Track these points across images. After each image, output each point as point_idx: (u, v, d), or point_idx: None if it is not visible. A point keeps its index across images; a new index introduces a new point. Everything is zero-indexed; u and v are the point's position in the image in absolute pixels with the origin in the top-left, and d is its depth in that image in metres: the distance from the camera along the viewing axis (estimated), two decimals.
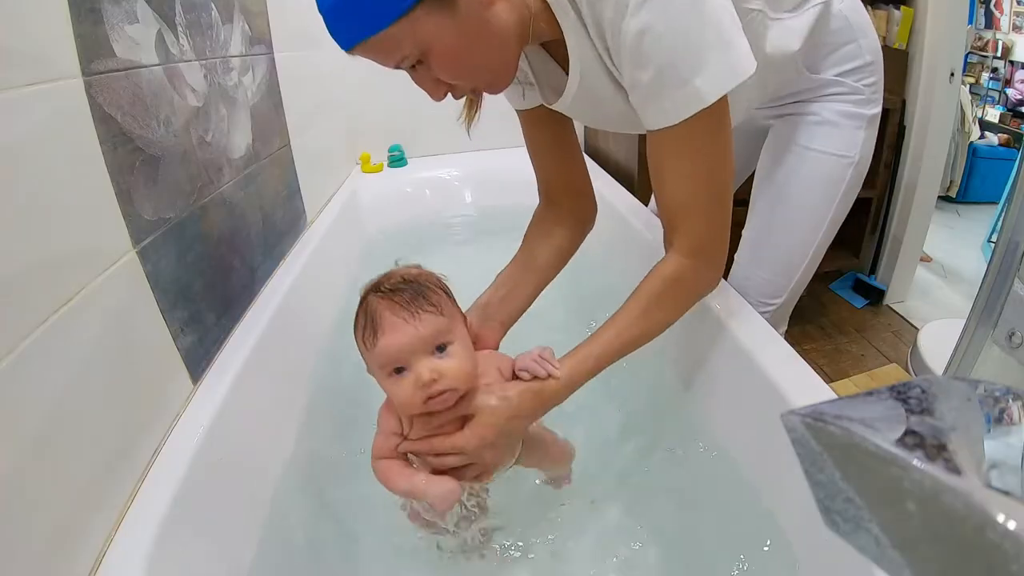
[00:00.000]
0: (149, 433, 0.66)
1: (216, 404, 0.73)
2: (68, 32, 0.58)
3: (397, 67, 0.60)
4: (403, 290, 0.60)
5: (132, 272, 0.66)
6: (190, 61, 0.83)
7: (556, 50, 0.71)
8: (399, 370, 0.59)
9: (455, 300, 0.65)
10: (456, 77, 0.61)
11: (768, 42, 0.73)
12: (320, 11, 0.56)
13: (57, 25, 0.57)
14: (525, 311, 0.83)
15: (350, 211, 1.56)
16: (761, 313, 0.87)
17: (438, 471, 0.62)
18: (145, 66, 0.71)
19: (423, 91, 0.64)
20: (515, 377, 0.66)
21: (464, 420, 0.62)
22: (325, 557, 0.76)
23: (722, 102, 0.59)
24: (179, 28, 0.80)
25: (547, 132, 0.85)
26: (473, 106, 0.73)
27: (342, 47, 0.58)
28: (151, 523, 0.58)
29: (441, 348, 0.60)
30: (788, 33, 0.75)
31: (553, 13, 0.63)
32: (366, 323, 0.60)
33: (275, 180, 1.16)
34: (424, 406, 0.59)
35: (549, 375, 0.63)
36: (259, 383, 0.83)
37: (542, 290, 0.86)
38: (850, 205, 0.89)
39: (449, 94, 0.64)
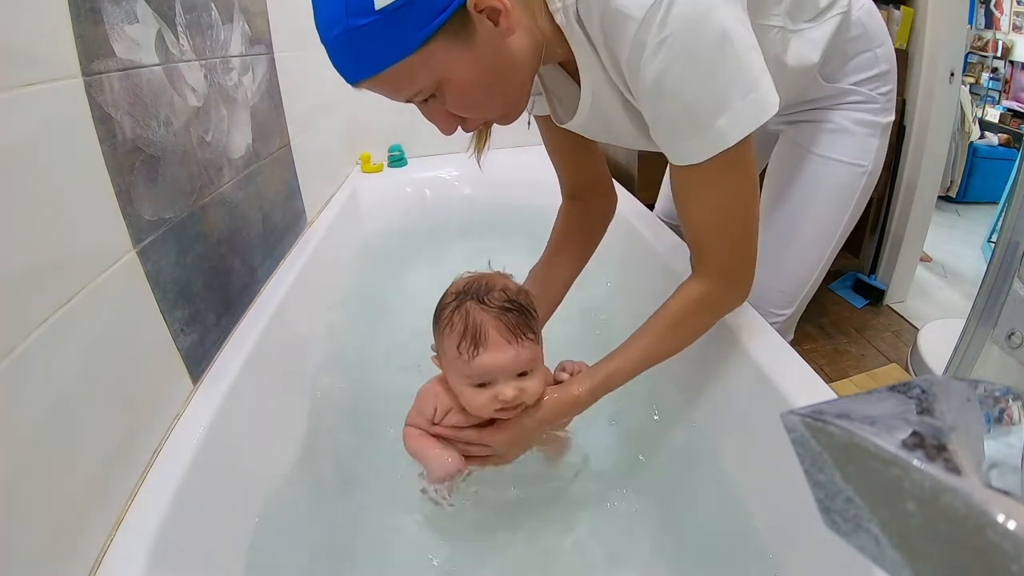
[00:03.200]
0: (149, 433, 0.66)
1: (216, 404, 0.73)
2: (68, 32, 0.57)
3: (408, 101, 0.57)
4: (510, 310, 0.62)
5: (132, 272, 0.66)
6: (190, 61, 0.83)
7: (569, 64, 0.68)
8: (484, 384, 0.62)
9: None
10: (470, 110, 0.59)
11: (789, 55, 0.72)
12: (323, 42, 0.53)
13: (57, 25, 0.56)
14: (559, 304, 0.88)
15: (350, 211, 1.56)
16: (771, 323, 0.85)
17: (464, 454, 0.68)
18: (145, 66, 0.71)
19: (433, 125, 0.62)
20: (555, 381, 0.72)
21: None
22: (325, 558, 0.76)
23: (746, 140, 0.57)
24: (179, 28, 0.80)
25: (565, 134, 0.81)
26: (483, 137, 0.71)
27: (348, 80, 0.54)
28: (151, 523, 0.58)
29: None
30: (808, 44, 0.74)
31: (564, 35, 0.61)
32: (466, 333, 0.61)
33: (275, 180, 1.15)
34: (495, 414, 0.64)
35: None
36: (259, 383, 0.83)
37: (571, 284, 0.89)
38: (859, 215, 0.87)
39: (460, 127, 0.62)
